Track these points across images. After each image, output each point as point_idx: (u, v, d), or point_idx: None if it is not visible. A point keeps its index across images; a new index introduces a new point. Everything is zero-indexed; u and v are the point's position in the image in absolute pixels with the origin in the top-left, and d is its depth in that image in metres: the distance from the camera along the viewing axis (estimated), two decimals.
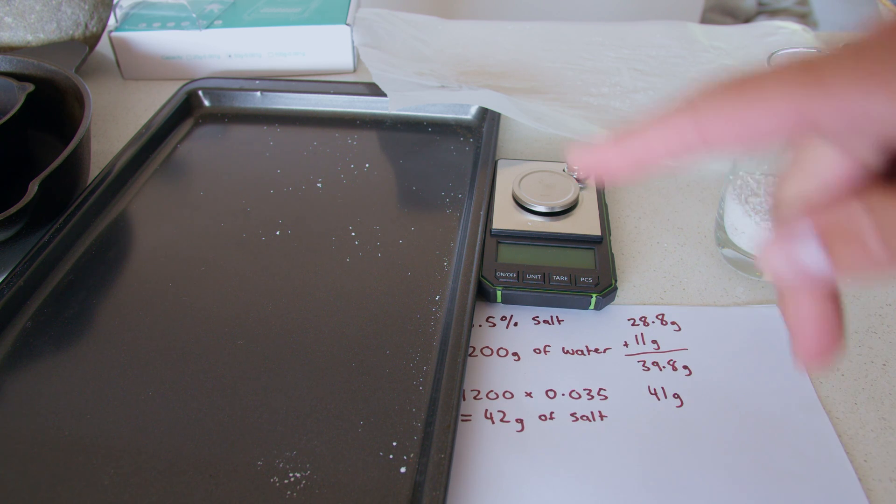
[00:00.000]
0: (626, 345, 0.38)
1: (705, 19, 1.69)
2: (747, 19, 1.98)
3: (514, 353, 0.38)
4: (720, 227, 0.43)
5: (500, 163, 0.50)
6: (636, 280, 0.43)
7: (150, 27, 0.64)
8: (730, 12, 1.98)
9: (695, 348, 0.38)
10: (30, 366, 0.37)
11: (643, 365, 0.37)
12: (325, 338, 0.38)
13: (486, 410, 0.35)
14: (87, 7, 0.61)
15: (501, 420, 0.34)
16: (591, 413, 0.35)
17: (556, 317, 0.40)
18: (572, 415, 0.35)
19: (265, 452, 0.32)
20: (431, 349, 0.37)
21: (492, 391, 0.36)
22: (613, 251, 0.43)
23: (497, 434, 0.34)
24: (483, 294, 0.41)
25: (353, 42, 0.65)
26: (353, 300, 0.40)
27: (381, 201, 0.48)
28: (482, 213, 0.45)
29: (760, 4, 2.07)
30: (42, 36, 0.60)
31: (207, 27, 0.64)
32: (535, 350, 0.38)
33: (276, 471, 0.32)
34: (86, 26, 0.62)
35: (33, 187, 0.41)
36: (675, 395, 0.36)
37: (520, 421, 0.34)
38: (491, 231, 0.44)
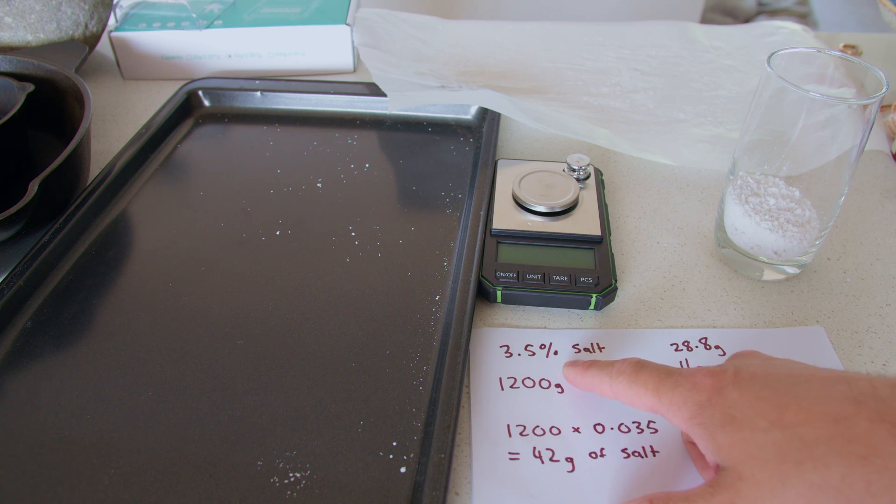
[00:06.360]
0: None
1: (705, 19, 1.69)
2: (747, 19, 1.98)
3: (558, 385, 0.36)
4: (720, 227, 0.43)
5: (500, 163, 0.50)
6: (636, 280, 0.43)
7: (150, 27, 0.64)
8: (730, 12, 1.98)
9: None
10: (30, 366, 0.37)
11: None
12: (325, 338, 0.38)
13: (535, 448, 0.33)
14: (87, 7, 0.61)
15: (551, 459, 0.33)
16: (643, 449, 0.33)
17: (597, 344, 0.39)
18: (623, 450, 0.33)
19: (265, 452, 0.32)
20: (431, 349, 0.37)
21: (538, 426, 0.34)
22: (613, 251, 0.43)
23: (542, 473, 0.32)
24: (483, 294, 0.40)
25: (353, 42, 0.65)
26: (353, 300, 0.40)
27: (381, 201, 0.48)
28: (482, 213, 0.45)
29: (760, 4, 2.07)
30: (42, 36, 0.60)
31: (207, 27, 0.64)
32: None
33: (276, 471, 0.32)
34: (86, 26, 0.62)
35: (33, 187, 0.41)
36: None
37: (569, 460, 0.33)
38: (491, 231, 0.44)
